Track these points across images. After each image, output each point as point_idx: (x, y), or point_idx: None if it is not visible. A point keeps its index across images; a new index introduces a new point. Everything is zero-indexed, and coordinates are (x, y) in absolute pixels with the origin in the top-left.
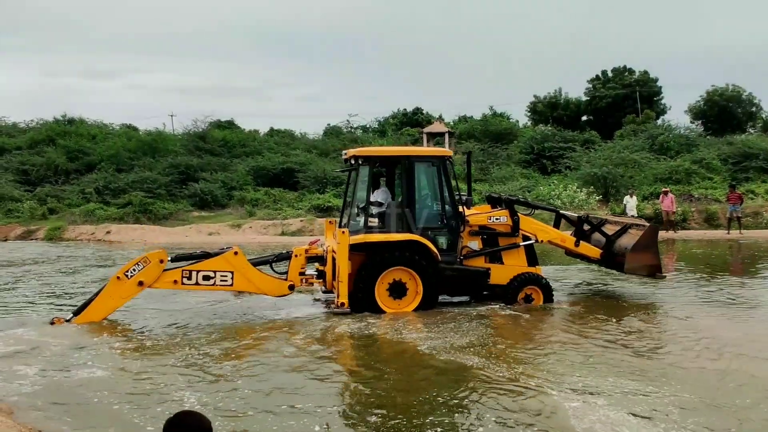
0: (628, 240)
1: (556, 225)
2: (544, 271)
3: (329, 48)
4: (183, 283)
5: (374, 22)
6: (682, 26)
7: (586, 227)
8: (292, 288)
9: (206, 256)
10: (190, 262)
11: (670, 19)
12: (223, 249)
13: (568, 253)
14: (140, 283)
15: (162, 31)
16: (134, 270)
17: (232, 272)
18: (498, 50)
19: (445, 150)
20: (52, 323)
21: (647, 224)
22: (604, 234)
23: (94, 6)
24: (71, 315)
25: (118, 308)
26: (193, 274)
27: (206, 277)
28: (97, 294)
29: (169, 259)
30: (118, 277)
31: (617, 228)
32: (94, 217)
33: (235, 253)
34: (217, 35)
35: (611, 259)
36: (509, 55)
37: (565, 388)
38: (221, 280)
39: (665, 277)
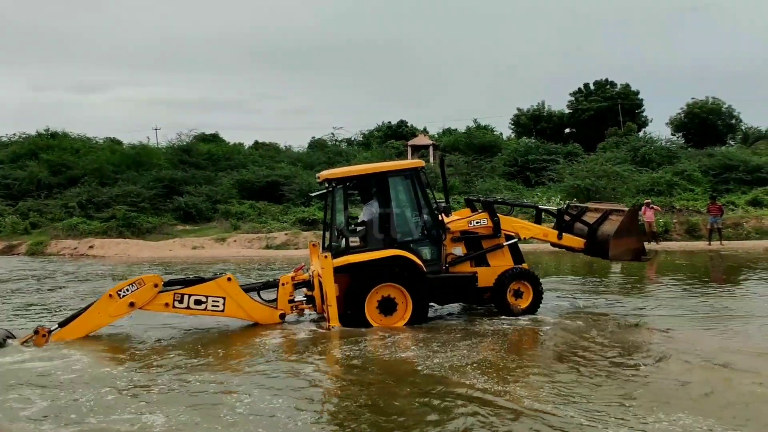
0: (609, 227)
1: (537, 220)
2: None
3: (314, 61)
4: (174, 306)
5: (359, 36)
6: (662, 41)
7: (566, 218)
8: (283, 317)
9: (200, 281)
10: (183, 286)
11: (651, 34)
12: (216, 275)
13: (553, 245)
14: (131, 304)
15: (147, 45)
16: (128, 290)
17: (224, 298)
18: (482, 64)
19: (417, 161)
20: (36, 332)
21: (626, 209)
22: (585, 223)
23: (81, 20)
24: (56, 326)
25: (104, 326)
26: (185, 297)
27: (198, 302)
28: (86, 309)
29: (164, 283)
30: (110, 295)
31: (598, 216)
32: (77, 231)
33: (228, 279)
34: (203, 49)
35: (595, 247)
36: (493, 69)
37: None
38: (212, 306)
39: (650, 258)
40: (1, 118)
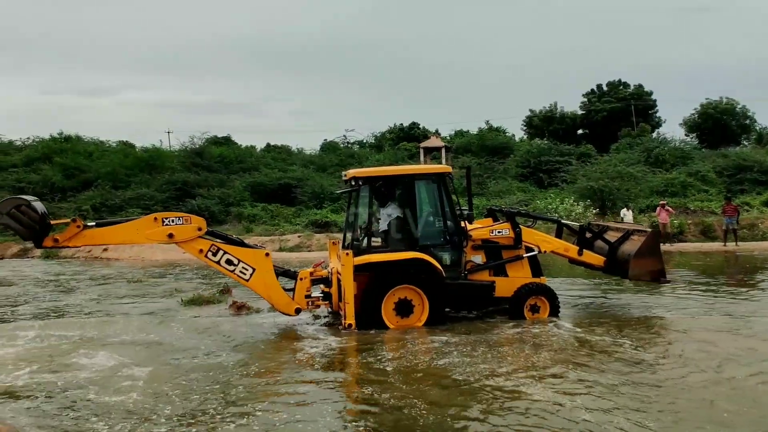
0: (630, 246)
1: (558, 235)
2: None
3: (325, 63)
4: (206, 256)
5: (370, 37)
6: (676, 41)
7: (588, 235)
8: (298, 311)
9: (241, 244)
10: (223, 242)
11: (664, 34)
12: (257, 246)
13: (572, 261)
14: (170, 235)
15: (158, 49)
16: (172, 221)
17: (254, 269)
18: (494, 65)
19: (445, 166)
20: (73, 220)
21: (649, 230)
22: (606, 241)
23: (91, 24)
24: (94, 224)
25: (136, 244)
26: (220, 252)
27: (229, 262)
28: (125, 221)
29: (206, 232)
30: (155, 218)
31: (619, 235)
32: None
33: (267, 254)
34: (213, 51)
35: (615, 266)
36: (505, 70)
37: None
38: (241, 271)
39: (669, 281)
40: (15, 122)
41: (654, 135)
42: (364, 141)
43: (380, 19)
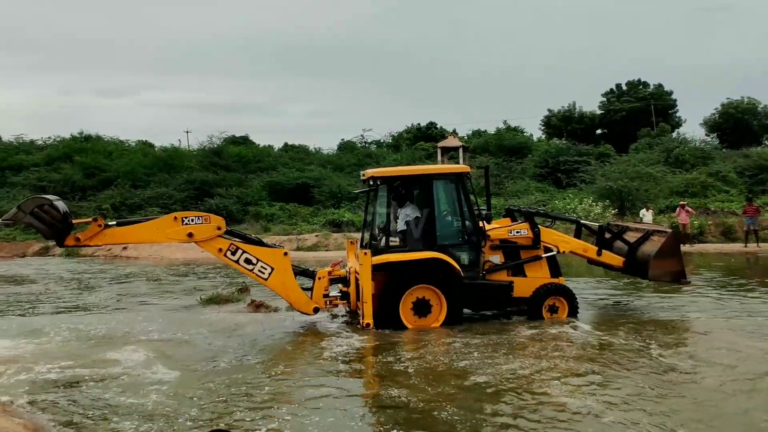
0: (650, 247)
1: (577, 235)
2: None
3: (342, 62)
4: (226, 255)
5: (388, 37)
6: (696, 40)
7: (607, 235)
8: (316, 311)
9: (260, 243)
10: (242, 241)
11: (684, 33)
12: (276, 245)
13: (591, 262)
14: (190, 234)
15: (177, 49)
16: (192, 220)
17: (273, 268)
18: (511, 64)
19: (463, 166)
20: (95, 219)
21: (669, 231)
22: (626, 242)
23: (110, 25)
24: (114, 222)
25: (155, 243)
26: (239, 252)
27: (248, 261)
28: (145, 220)
29: (226, 231)
30: (175, 218)
31: (639, 235)
32: None
33: (285, 253)
34: (232, 52)
35: (635, 266)
36: (523, 69)
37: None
38: (260, 270)
39: (689, 282)
40: (37, 121)
41: (674, 135)
42: (382, 141)
43: (398, 19)
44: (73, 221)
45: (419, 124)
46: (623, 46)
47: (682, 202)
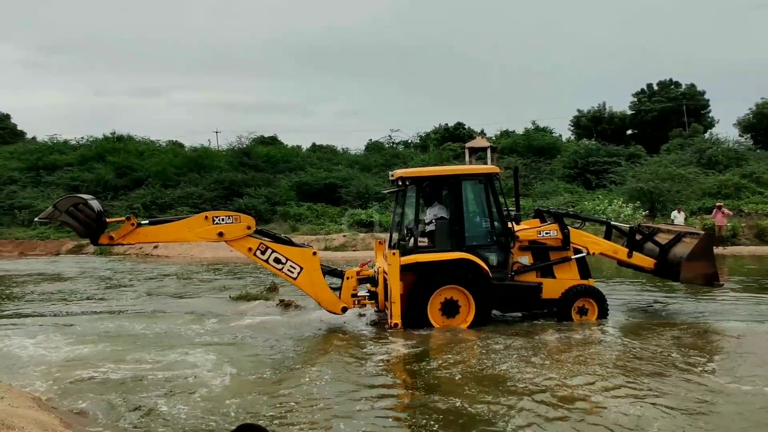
0: (682, 249)
1: (607, 236)
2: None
3: (372, 63)
4: (255, 254)
5: (416, 37)
6: (729, 39)
7: (638, 237)
8: (344, 310)
9: (289, 242)
10: (271, 240)
11: (716, 32)
12: (305, 245)
13: (621, 264)
14: (220, 234)
15: (208, 50)
16: (222, 220)
17: (302, 268)
18: (541, 64)
19: (492, 167)
20: (128, 218)
21: (701, 232)
22: (657, 243)
23: (142, 26)
24: (147, 221)
25: (186, 242)
26: (269, 251)
27: (277, 260)
28: (176, 219)
29: (256, 230)
30: (206, 217)
31: (670, 237)
32: None
33: (314, 253)
34: (262, 52)
35: (666, 268)
36: (552, 70)
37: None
38: (289, 270)
39: (723, 284)
40: (71, 122)
41: (706, 135)
42: (409, 141)
43: (426, 19)
44: (107, 220)
45: (447, 124)
46: (655, 46)
47: (718, 204)
